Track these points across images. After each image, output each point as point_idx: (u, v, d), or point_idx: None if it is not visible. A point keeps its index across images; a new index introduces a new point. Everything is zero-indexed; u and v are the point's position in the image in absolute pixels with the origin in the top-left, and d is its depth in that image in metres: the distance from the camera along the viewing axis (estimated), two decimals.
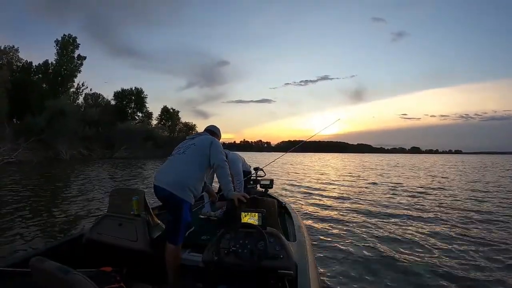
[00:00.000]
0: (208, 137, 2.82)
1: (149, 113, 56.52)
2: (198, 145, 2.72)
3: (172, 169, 2.61)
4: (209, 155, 2.67)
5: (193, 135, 2.94)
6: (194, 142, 2.76)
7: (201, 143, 2.74)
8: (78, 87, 45.94)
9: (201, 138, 2.83)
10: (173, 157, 2.74)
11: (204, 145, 2.71)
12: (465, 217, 7.35)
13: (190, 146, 2.72)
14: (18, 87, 33.95)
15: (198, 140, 2.80)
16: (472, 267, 4.28)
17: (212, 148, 2.69)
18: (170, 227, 2.54)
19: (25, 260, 1.85)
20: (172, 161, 2.69)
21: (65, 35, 42.90)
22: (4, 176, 14.57)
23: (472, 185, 14.68)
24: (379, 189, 13.00)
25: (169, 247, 2.47)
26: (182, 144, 2.83)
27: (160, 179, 2.57)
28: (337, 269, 4.11)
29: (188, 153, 2.67)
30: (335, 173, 22.45)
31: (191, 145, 2.74)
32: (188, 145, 2.75)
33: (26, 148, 27.29)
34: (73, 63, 43.05)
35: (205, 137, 2.83)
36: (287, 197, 9.74)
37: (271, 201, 2.98)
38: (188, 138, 2.92)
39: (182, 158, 2.65)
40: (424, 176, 20.00)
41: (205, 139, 2.78)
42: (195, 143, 2.75)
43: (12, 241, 4.81)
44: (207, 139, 2.78)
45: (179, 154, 2.70)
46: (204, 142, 2.74)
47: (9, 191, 10.02)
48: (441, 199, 10.31)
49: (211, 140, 2.77)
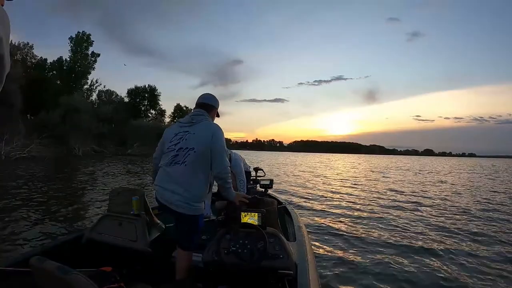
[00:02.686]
0: (207, 131, 2.34)
1: (162, 111, 56.98)
2: (197, 148, 2.29)
3: (176, 186, 2.28)
4: (210, 155, 2.31)
5: (186, 121, 2.44)
6: (192, 146, 2.30)
7: (200, 143, 2.30)
8: (92, 84, 46.47)
9: (199, 133, 2.34)
10: (171, 168, 2.33)
11: (205, 146, 2.29)
12: (466, 218, 7.42)
13: (189, 153, 2.29)
14: (33, 83, 34.34)
15: (196, 138, 2.32)
16: (473, 275, 4.16)
17: (213, 149, 2.30)
18: (183, 236, 2.40)
19: (25, 259, 1.79)
20: (173, 175, 2.31)
21: (79, 32, 43.59)
22: (15, 170, 14.61)
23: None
24: (380, 190, 13.10)
25: (182, 252, 2.40)
26: (177, 143, 2.37)
27: (166, 198, 2.30)
28: (337, 269, 4.15)
29: (188, 162, 2.29)
30: (336, 174, 22.59)
31: (189, 150, 2.30)
32: (185, 148, 2.31)
33: (39, 144, 27.48)
34: (87, 60, 43.57)
35: (203, 131, 2.34)
36: (287, 197, 9.74)
37: (271, 201, 2.97)
38: (179, 125, 2.46)
39: (185, 171, 2.29)
40: (432, 180, 19.53)
41: (204, 135, 2.32)
42: (193, 147, 2.30)
43: (12, 240, 4.81)
44: (206, 134, 2.32)
45: (179, 164, 2.30)
46: (203, 142, 2.30)
47: (14, 186, 9.96)
48: (442, 202, 10.27)
49: (210, 136, 2.31)
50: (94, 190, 9.92)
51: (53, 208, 7.03)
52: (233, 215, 2.53)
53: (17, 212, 6.49)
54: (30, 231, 5.15)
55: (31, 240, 4.80)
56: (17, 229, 5.26)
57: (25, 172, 14.18)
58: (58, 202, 7.72)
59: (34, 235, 5.01)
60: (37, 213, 6.47)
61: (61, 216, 6.31)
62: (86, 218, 6.20)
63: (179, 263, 2.41)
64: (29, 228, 5.33)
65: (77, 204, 7.68)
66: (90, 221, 5.61)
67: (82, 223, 5.87)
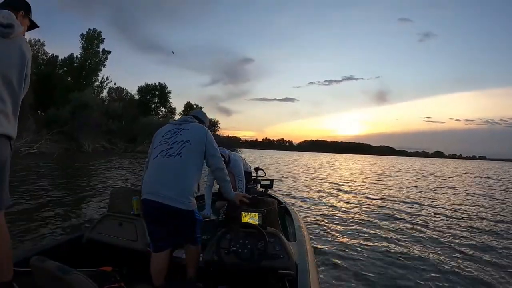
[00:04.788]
0: (201, 129, 2.45)
1: (172, 108, 57.57)
2: (193, 141, 2.33)
3: (170, 178, 2.21)
4: (204, 150, 2.36)
5: (179, 121, 2.54)
6: (187, 139, 2.33)
7: (195, 137, 2.35)
8: (102, 81, 46.73)
9: (193, 129, 2.42)
10: (165, 160, 2.28)
11: (199, 140, 2.35)
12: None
13: (184, 145, 2.30)
14: (44, 80, 34.74)
15: (190, 133, 2.38)
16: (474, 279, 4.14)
17: (208, 145, 2.37)
18: (186, 234, 2.34)
19: (25, 259, 1.79)
20: (166, 167, 2.26)
21: (90, 29, 43.92)
22: (22, 167, 14.55)
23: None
24: (381, 190, 13.14)
25: (190, 248, 2.38)
26: (170, 137, 2.38)
27: (156, 192, 2.18)
28: (338, 269, 4.16)
29: (183, 154, 2.27)
30: (337, 174, 22.63)
31: (185, 142, 2.31)
32: (180, 141, 2.32)
33: (48, 140, 27.70)
34: (98, 57, 43.85)
35: (197, 129, 2.44)
36: (287, 197, 9.60)
37: (271, 201, 2.95)
38: (172, 123, 2.54)
39: (178, 162, 2.25)
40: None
41: (198, 132, 2.41)
42: (189, 140, 2.33)
43: (12, 240, 4.37)
44: (201, 131, 2.42)
45: (173, 156, 2.27)
46: (198, 136, 2.37)
47: (18, 184, 9.81)
48: (444, 201, 10.47)
49: (205, 133, 2.42)
50: (97, 189, 9.86)
51: (53, 207, 6.96)
52: (233, 215, 2.52)
53: (17, 210, 6.42)
54: (30, 231, 5.11)
55: (31, 240, 4.77)
56: (17, 229, 5.21)
57: (32, 169, 14.24)
58: (59, 201, 7.64)
59: (34, 235, 4.97)
60: (37, 212, 6.40)
61: (62, 215, 6.27)
62: (86, 218, 6.16)
63: (188, 260, 2.41)
64: (29, 228, 5.28)
65: (78, 203, 7.61)
66: (90, 221, 5.56)
67: (82, 222, 5.84)
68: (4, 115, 1.69)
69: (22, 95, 1.82)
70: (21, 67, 1.76)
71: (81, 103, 34.04)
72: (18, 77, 1.75)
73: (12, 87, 1.72)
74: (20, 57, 1.75)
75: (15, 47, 1.73)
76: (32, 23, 2.04)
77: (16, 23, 1.75)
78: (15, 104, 1.76)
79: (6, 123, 1.70)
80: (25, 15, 1.93)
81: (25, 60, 1.78)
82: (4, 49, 1.69)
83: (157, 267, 2.27)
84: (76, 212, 6.59)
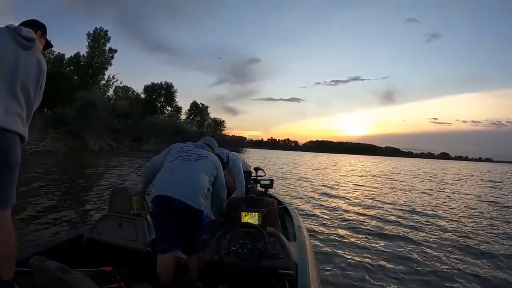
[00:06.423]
0: (217, 161, 2.66)
1: (178, 108, 57.62)
2: (209, 163, 2.55)
3: (184, 178, 2.38)
4: (214, 177, 2.58)
5: (197, 145, 2.74)
6: (205, 155, 2.58)
7: (211, 162, 2.57)
8: (109, 80, 46.99)
9: (210, 155, 2.65)
10: (182, 162, 2.47)
11: (213, 167, 2.58)
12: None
13: (202, 157, 2.53)
14: (50, 78, 34.03)
15: (208, 156, 2.60)
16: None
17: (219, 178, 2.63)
18: (187, 238, 2.38)
19: (25, 259, 1.77)
20: (182, 168, 2.45)
21: (97, 28, 44.29)
22: (27, 165, 14.50)
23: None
24: (382, 191, 13.14)
25: (193, 257, 2.41)
26: (189, 150, 2.60)
27: (169, 188, 2.32)
28: (337, 269, 4.16)
29: (201, 163, 2.49)
30: (337, 174, 22.66)
31: (202, 156, 2.55)
32: (198, 155, 2.55)
33: (54, 138, 27.71)
34: (104, 56, 44.21)
35: (214, 158, 2.67)
36: (287, 197, 9.50)
37: (271, 201, 2.97)
38: (191, 144, 2.73)
39: (195, 165, 2.46)
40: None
41: (214, 161, 2.63)
42: (207, 156, 2.58)
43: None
44: (216, 162, 2.63)
45: (191, 161, 2.48)
46: (213, 164, 2.59)
47: (20, 182, 9.65)
48: (445, 204, 10.39)
49: (217, 166, 2.62)
50: (99, 188, 9.84)
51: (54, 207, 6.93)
52: (233, 215, 2.54)
53: (17, 210, 6.30)
54: (30, 231, 5.10)
55: (31, 240, 4.74)
56: (17, 228, 5.08)
57: (36, 167, 14.24)
58: (60, 200, 7.62)
59: (34, 235, 4.95)
60: (37, 212, 6.38)
61: (62, 215, 6.24)
62: (86, 218, 6.14)
63: (191, 268, 2.42)
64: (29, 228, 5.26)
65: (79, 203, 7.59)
66: (90, 221, 5.57)
67: (82, 222, 5.81)
68: (20, 118, 1.82)
69: (36, 105, 1.96)
70: (38, 77, 1.92)
71: (87, 101, 34.18)
72: (34, 86, 1.90)
73: (29, 95, 1.87)
74: (38, 68, 1.91)
75: (34, 59, 1.89)
76: (47, 42, 2.20)
77: (36, 39, 1.93)
78: (29, 111, 1.90)
79: (21, 125, 1.82)
80: (42, 35, 2.10)
81: (42, 72, 1.95)
82: (25, 60, 1.83)
83: (163, 269, 2.29)
84: (77, 212, 6.58)
